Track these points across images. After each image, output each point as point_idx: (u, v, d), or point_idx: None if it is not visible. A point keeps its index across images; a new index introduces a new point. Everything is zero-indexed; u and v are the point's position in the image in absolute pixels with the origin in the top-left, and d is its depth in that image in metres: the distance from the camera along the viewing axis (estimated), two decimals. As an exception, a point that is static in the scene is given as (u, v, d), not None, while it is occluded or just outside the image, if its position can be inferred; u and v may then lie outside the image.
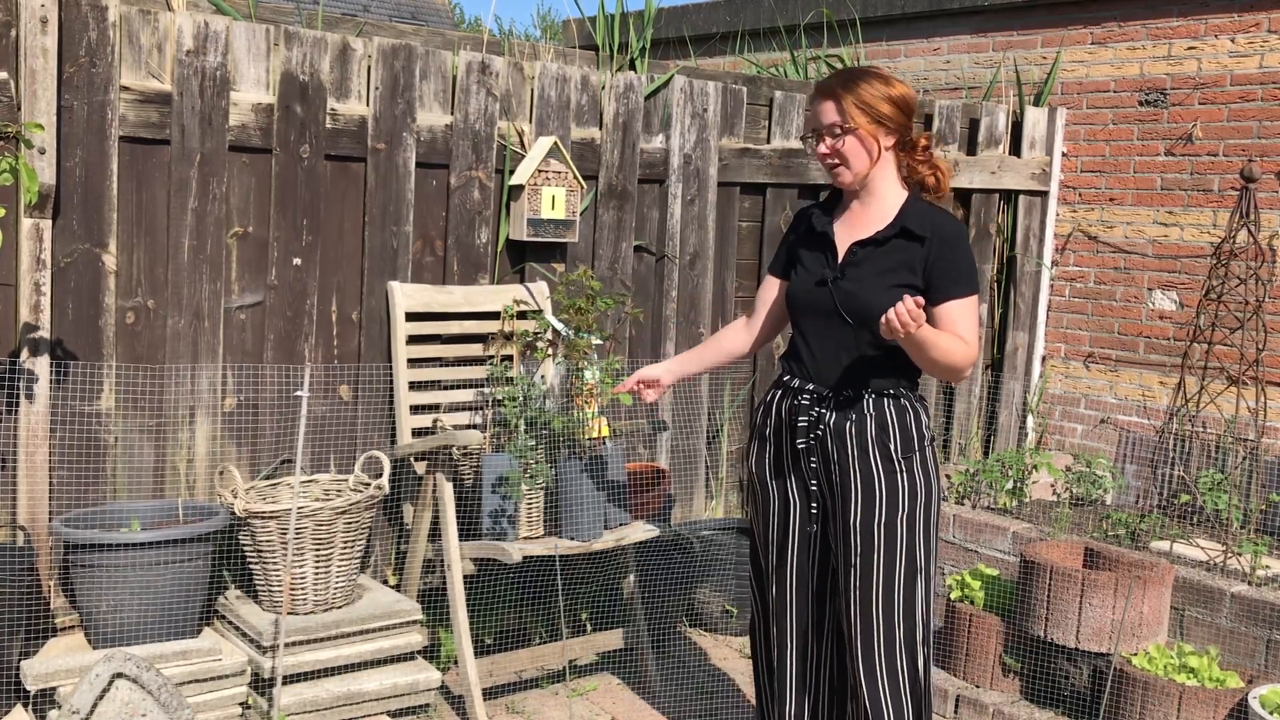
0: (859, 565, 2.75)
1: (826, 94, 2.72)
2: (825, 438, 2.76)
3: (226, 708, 3.17)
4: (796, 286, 2.85)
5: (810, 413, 2.77)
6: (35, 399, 3.25)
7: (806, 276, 2.83)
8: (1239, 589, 3.70)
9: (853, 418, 2.74)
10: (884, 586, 2.74)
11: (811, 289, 2.80)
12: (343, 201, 3.77)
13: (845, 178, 2.75)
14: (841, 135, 2.70)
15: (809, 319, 2.82)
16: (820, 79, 2.76)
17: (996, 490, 4.60)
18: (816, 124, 2.74)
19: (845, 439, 2.74)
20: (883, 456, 2.73)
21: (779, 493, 2.87)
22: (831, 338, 2.77)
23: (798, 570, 2.87)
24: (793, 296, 2.87)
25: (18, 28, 3.17)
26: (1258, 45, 4.93)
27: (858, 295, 2.71)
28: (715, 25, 7.05)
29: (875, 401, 2.75)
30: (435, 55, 3.88)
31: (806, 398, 2.79)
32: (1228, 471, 4.43)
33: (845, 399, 2.75)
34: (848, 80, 2.71)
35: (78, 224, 3.32)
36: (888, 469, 2.73)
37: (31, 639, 3.17)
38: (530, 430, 3.60)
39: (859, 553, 2.74)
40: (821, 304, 2.77)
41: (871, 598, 2.74)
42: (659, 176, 4.46)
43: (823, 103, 2.72)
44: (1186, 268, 5.17)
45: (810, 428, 2.77)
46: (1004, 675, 3.79)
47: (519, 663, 3.75)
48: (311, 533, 3.32)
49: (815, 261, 2.82)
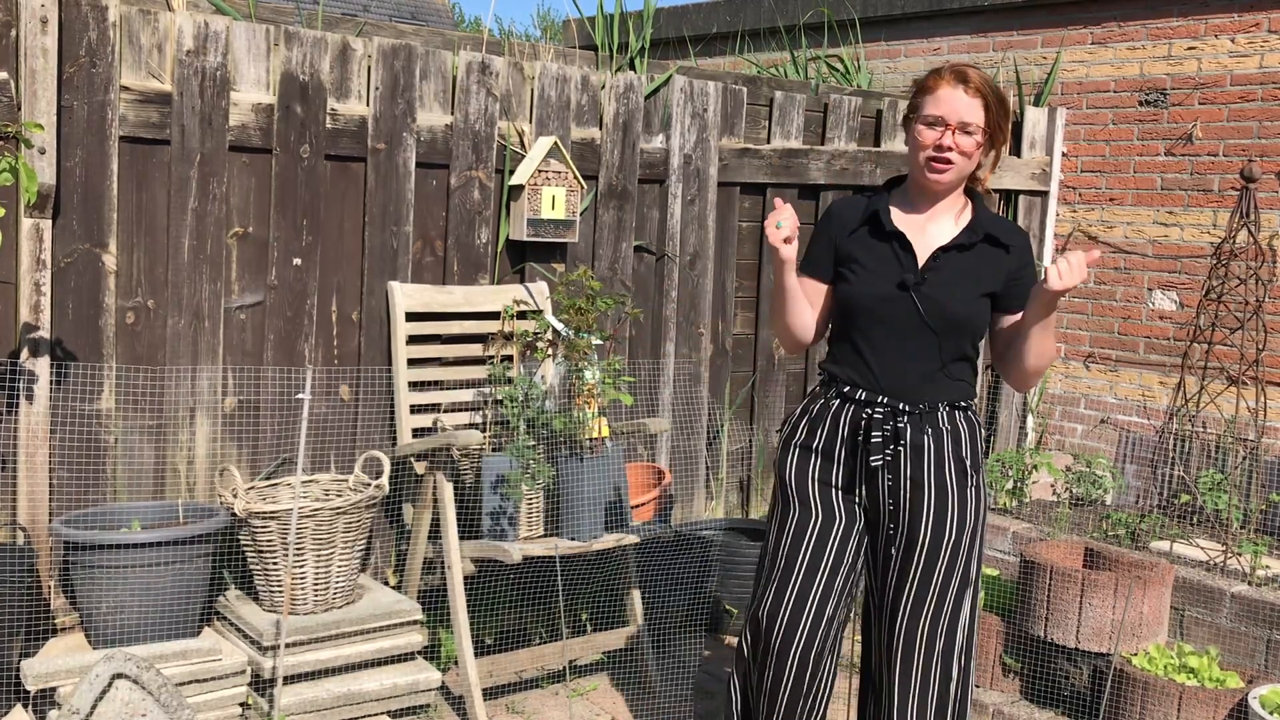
0: (917, 581, 2.63)
1: (976, 91, 2.54)
2: (903, 453, 2.62)
3: (226, 708, 3.17)
4: (861, 290, 2.64)
5: (885, 427, 2.62)
6: (35, 399, 3.25)
7: (874, 279, 2.63)
8: (1239, 589, 3.70)
9: (929, 432, 2.62)
10: (937, 602, 2.64)
11: (885, 294, 2.61)
12: (343, 201, 3.77)
13: (948, 177, 2.58)
14: (976, 138, 2.55)
15: (878, 325, 2.63)
16: (956, 67, 2.58)
17: (997, 490, 4.60)
18: (950, 115, 2.53)
19: (923, 454, 2.61)
20: (958, 472, 2.63)
21: (824, 507, 2.68)
22: (906, 346, 2.61)
23: (822, 593, 2.67)
24: (857, 300, 2.64)
25: (18, 28, 3.17)
26: (1258, 45, 4.93)
27: (944, 303, 2.58)
28: (715, 25, 7.05)
29: (949, 415, 2.65)
30: (435, 55, 3.88)
31: (880, 410, 2.62)
32: (1228, 471, 4.43)
33: (921, 412, 2.62)
34: (991, 84, 2.58)
35: (78, 224, 3.32)
36: (960, 485, 2.63)
37: (31, 639, 3.17)
38: (530, 430, 3.60)
39: (920, 568, 2.63)
40: (898, 310, 2.60)
41: (923, 612, 2.64)
42: (659, 176, 4.46)
43: (972, 97, 2.54)
44: (1186, 268, 5.17)
45: (886, 443, 2.62)
46: (1004, 675, 3.79)
47: (519, 663, 3.75)
48: (311, 533, 3.32)
49: (884, 264, 2.63)
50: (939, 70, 2.60)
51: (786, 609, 2.68)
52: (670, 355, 4.54)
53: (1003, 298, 2.66)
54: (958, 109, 2.53)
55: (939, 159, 2.56)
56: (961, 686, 2.69)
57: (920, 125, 2.57)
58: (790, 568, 2.69)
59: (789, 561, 2.69)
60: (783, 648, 2.68)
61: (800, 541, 2.69)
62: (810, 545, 2.68)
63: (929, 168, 2.58)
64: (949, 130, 2.54)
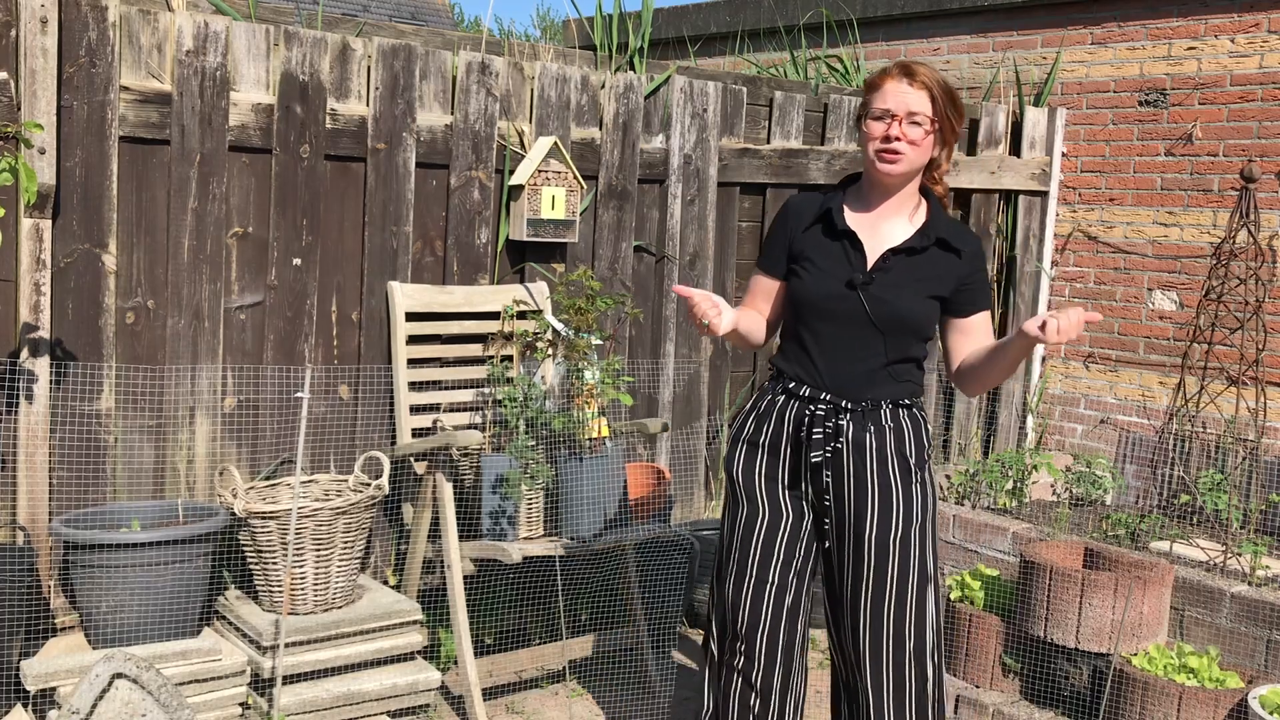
0: (871, 579, 2.65)
1: (922, 82, 2.57)
2: (843, 450, 2.64)
3: (226, 708, 3.17)
4: (811, 288, 2.66)
5: (827, 424, 2.64)
6: (35, 399, 3.25)
7: (824, 277, 2.65)
8: (1239, 589, 3.70)
9: (872, 429, 2.64)
10: (897, 600, 2.65)
11: (834, 292, 2.63)
12: (343, 202, 3.77)
13: (899, 169, 2.59)
14: (924, 128, 2.58)
15: (825, 323, 2.65)
16: (902, 62, 2.64)
17: (996, 490, 4.60)
18: (897, 107, 2.56)
19: (865, 451, 2.64)
20: (900, 469, 2.66)
21: (770, 504, 2.71)
22: (852, 344, 2.64)
23: (778, 586, 2.70)
24: (806, 298, 2.67)
25: (18, 28, 3.17)
26: (1258, 45, 4.93)
27: (893, 303, 2.60)
28: (715, 25, 7.05)
29: (893, 412, 2.67)
30: (435, 55, 3.88)
31: (822, 407, 2.64)
32: (1228, 472, 4.43)
33: (864, 409, 2.64)
34: (938, 77, 2.61)
35: (78, 224, 3.32)
36: (905, 481, 2.66)
37: (31, 639, 3.17)
38: (530, 430, 3.60)
39: (872, 566, 2.65)
40: (846, 309, 2.62)
41: (884, 611, 2.65)
42: (659, 176, 4.46)
43: (918, 89, 2.56)
44: (1186, 268, 5.17)
45: (827, 440, 2.64)
46: (1004, 675, 3.79)
47: (519, 663, 3.75)
48: (311, 533, 3.32)
49: (834, 262, 2.65)
50: (886, 68, 2.65)
51: (745, 603, 2.72)
52: (670, 355, 4.54)
53: (953, 302, 2.68)
54: (904, 101, 2.57)
55: (888, 150, 2.58)
56: (937, 685, 2.71)
57: (869, 120, 2.62)
58: (744, 563, 2.73)
59: (741, 556, 2.73)
60: (749, 640, 2.72)
61: (750, 537, 2.72)
62: (760, 541, 2.71)
63: (879, 159, 2.60)
64: (896, 121, 2.57)
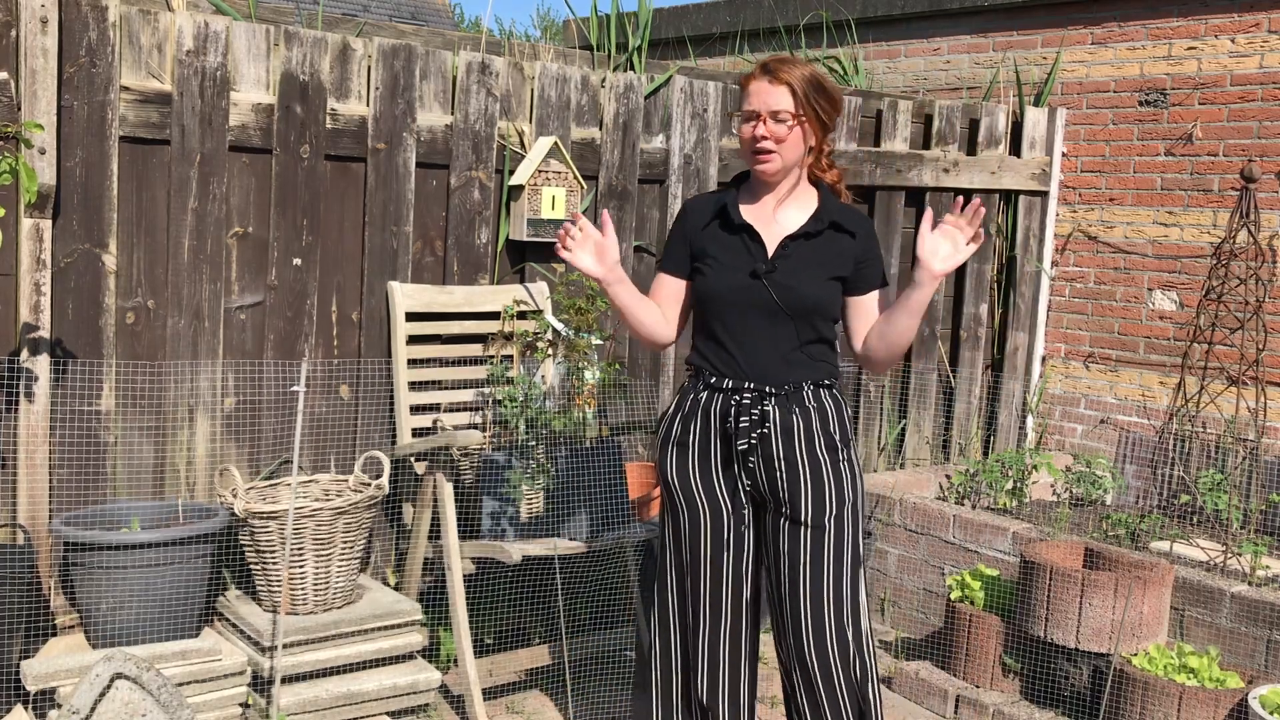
0: (808, 559, 2.69)
1: (780, 79, 2.64)
2: (770, 435, 2.70)
3: (226, 708, 3.17)
4: (716, 282, 2.72)
5: (753, 411, 2.69)
6: (35, 399, 3.25)
7: (727, 271, 2.72)
8: (1239, 589, 3.70)
9: (796, 411, 2.70)
10: (834, 579, 2.70)
11: (739, 284, 2.70)
12: (343, 202, 3.77)
13: (774, 166, 2.67)
14: (789, 124, 2.64)
15: (736, 315, 2.71)
16: (764, 60, 2.70)
17: (996, 490, 4.60)
18: (761, 106, 2.64)
19: (793, 434, 2.70)
20: (828, 448, 2.72)
21: (708, 501, 2.75)
22: (765, 333, 2.70)
23: (733, 580, 2.76)
24: (713, 293, 2.73)
25: (18, 28, 3.17)
26: (1258, 45, 4.93)
27: (796, 288, 2.68)
28: (715, 25, 7.05)
29: (814, 393, 2.73)
30: (435, 55, 3.88)
31: (747, 396, 2.70)
32: (1228, 472, 4.43)
33: (786, 393, 2.71)
34: (801, 71, 2.66)
35: (78, 224, 3.32)
36: (833, 460, 2.72)
37: (31, 639, 3.17)
38: (530, 430, 3.60)
39: (808, 548, 2.69)
40: (753, 298, 2.69)
41: (823, 591, 2.69)
42: (659, 176, 4.46)
43: (775, 86, 2.64)
44: (1186, 268, 5.17)
45: (753, 426, 2.69)
46: (1004, 675, 3.79)
47: (519, 663, 3.75)
48: (311, 533, 3.33)
49: (735, 255, 2.72)
50: (752, 69, 2.71)
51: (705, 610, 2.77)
52: (670, 355, 4.54)
53: (852, 281, 2.76)
54: (766, 100, 2.64)
55: (759, 150, 2.67)
56: (867, 661, 2.75)
57: (741, 123, 2.70)
58: (696, 568, 2.77)
59: (693, 560, 2.77)
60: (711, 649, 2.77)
61: (697, 541, 2.77)
62: (707, 544, 2.76)
63: (753, 160, 2.69)
64: (761, 121, 2.64)
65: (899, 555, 4.53)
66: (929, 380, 5.36)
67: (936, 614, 4.39)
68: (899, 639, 4.47)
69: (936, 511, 4.40)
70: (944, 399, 5.45)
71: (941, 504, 4.49)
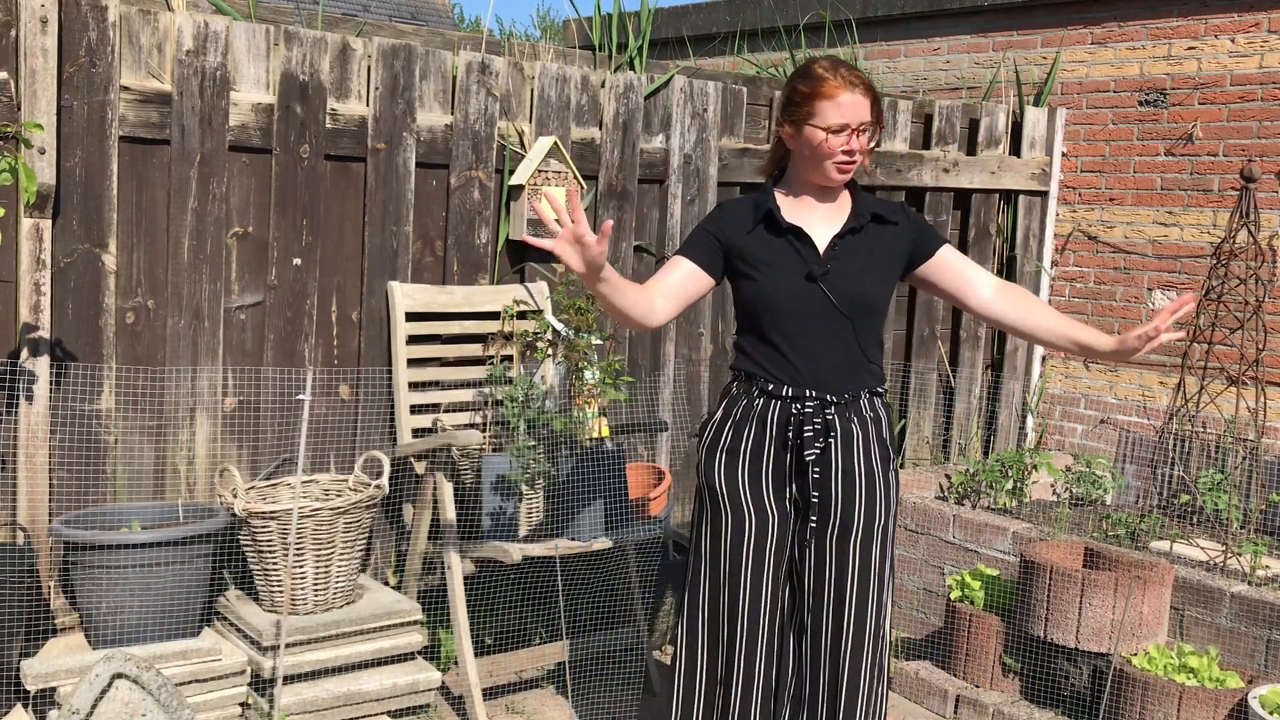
0: (857, 568, 2.67)
1: (868, 89, 2.59)
2: (833, 444, 2.65)
3: (226, 708, 3.17)
4: (773, 288, 2.64)
5: (815, 420, 2.64)
6: (35, 399, 3.25)
7: (780, 275, 2.64)
8: (1239, 589, 3.70)
9: (855, 420, 2.67)
10: (878, 587, 2.70)
11: (797, 288, 2.63)
12: (343, 202, 3.77)
13: (848, 175, 2.65)
14: (869, 133, 2.62)
15: (792, 320, 2.64)
16: (841, 69, 2.61)
17: (996, 490, 4.60)
18: (854, 119, 2.58)
19: (853, 444, 2.67)
20: (881, 457, 2.70)
21: (756, 510, 2.67)
22: (823, 336, 2.64)
23: (773, 590, 2.69)
24: (770, 299, 2.65)
25: (18, 28, 3.17)
26: (1258, 45, 4.93)
27: (852, 286, 2.63)
28: (715, 25, 7.05)
29: (870, 402, 2.71)
30: (435, 55, 3.88)
31: (810, 404, 2.64)
32: (1228, 471, 4.43)
33: (846, 401, 2.67)
34: (867, 76, 2.63)
35: (78, 224, 3.32)
36: (885, 469, 2.71)
37: (31, 639, 3.17)
38: (530, 430, 3.60)
39: (857, 557, 2.67)
40: (810, 302, 2.63)
41: (868, 599, 2.68)
42: (659, 176, 4.46)
43: (866, 97, 2.59)
44: (1186, 268, 5.17)
45: (817, 436, 2.64)
46: (1004, 675, 3.79)
47: (519, 663, 3.75)
48: (311, 533, 3.32)
49: (785, 258, 2.64)
50: (827, 73, 2.60)
51: (743, 617, 2.70)
52: (670, 355, 4.54)
53: (918, 256, 2.74)
54: (859, 112, 2.59)
55: (846, 160, 2.61)
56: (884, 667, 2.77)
57: (824, 133, 2.59)
58: (736, 574, 2.69)
59: (733, 568, 2.69)
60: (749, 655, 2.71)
61: (741, 546, 2.68)
62: (750, 550, 2.68)
63: (838, 170, 2.63)
64: (855, 134, 2.59)
65: (899, 555, 4.53)
66: (929, 380, 5.37)
67: (936, 614, 4.39)
68: (899, 639, 4.47)
69: (936, 511, 4.40)
70: (944, 399, 5.45)
71: (941, 504, 4.49)
